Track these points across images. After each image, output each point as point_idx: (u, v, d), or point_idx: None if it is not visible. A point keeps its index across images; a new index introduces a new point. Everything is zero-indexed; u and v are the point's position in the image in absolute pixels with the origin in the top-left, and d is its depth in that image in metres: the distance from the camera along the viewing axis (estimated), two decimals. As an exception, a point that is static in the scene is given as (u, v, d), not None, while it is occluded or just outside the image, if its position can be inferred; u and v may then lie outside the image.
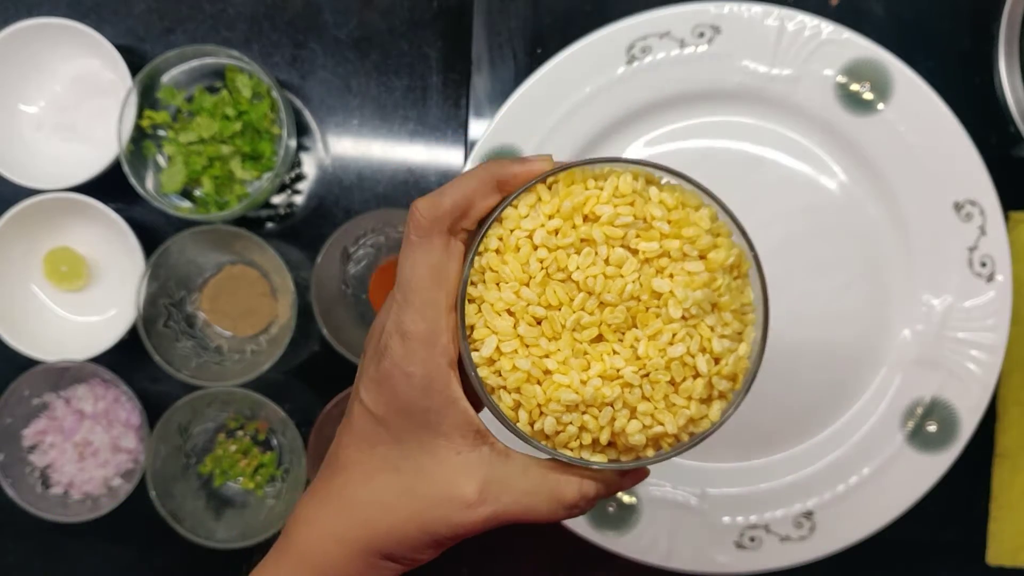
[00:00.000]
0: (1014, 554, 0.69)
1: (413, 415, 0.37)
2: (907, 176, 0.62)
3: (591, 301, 0.37)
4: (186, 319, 0.73)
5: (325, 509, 0.38)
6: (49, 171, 0.72)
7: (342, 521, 0.38)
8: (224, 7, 0.74)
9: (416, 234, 0.37)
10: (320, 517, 0.39)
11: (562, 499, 0.38)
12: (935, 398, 0.62)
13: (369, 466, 0.38)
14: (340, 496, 0.38)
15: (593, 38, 0.63)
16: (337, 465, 0.39)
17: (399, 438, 0.37)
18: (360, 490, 0.38)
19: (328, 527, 0.38)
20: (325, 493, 0.39)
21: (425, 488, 0.37)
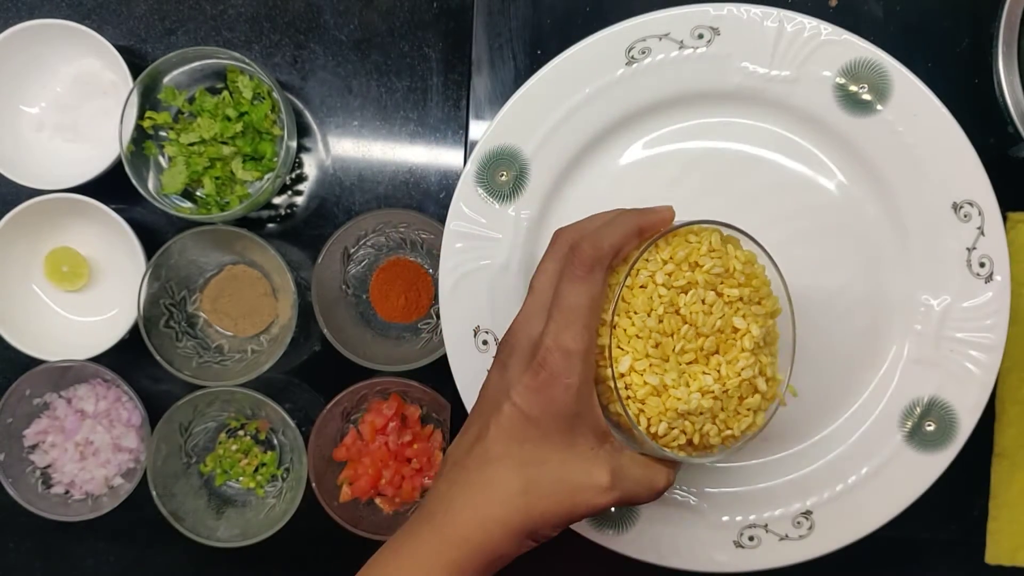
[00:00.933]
0: (1013, 553, 0.69)
1: (563, 417, 0.44)
2: (906, 177, 0.63)
3: (691, 331, 0.48)
4: (187, 319, 0.73)
5: (483, 496, 0.44)
6: (50, 171, 0.72)
7: (503, 507, 0.44)
8: (225, 8, 0.74)
9: (582, 270, 0.45)
10: (480, 503, 0.44)
11: (656, 486, 0.48)
12: (934, 398, 0.63)
13: (520, 459, 0.44)
14: (496, 485, 0.44)
15: (593, 39, 0.63)
16: (487, 457, 0.44)
17: (547, 436, 0.44)
18: (515, 480, 0.44)
19: (491, 513, 0.44)
20: (479, 482, 0.44)
21: (571, 477, 0.45)
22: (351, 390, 0.70)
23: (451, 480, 0.45)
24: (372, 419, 0.72)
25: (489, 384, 0.47)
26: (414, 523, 0.45)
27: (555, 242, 0.48)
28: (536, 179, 0.64)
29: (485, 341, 0.64)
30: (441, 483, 0.45)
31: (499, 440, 0.44)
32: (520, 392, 0.44)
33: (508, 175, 0.64)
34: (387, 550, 0.45)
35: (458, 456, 0.46)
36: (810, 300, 0.64)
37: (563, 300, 0.45)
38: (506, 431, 0.44)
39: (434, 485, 0.46)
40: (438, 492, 0.45)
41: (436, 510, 0.45)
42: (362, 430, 0.73)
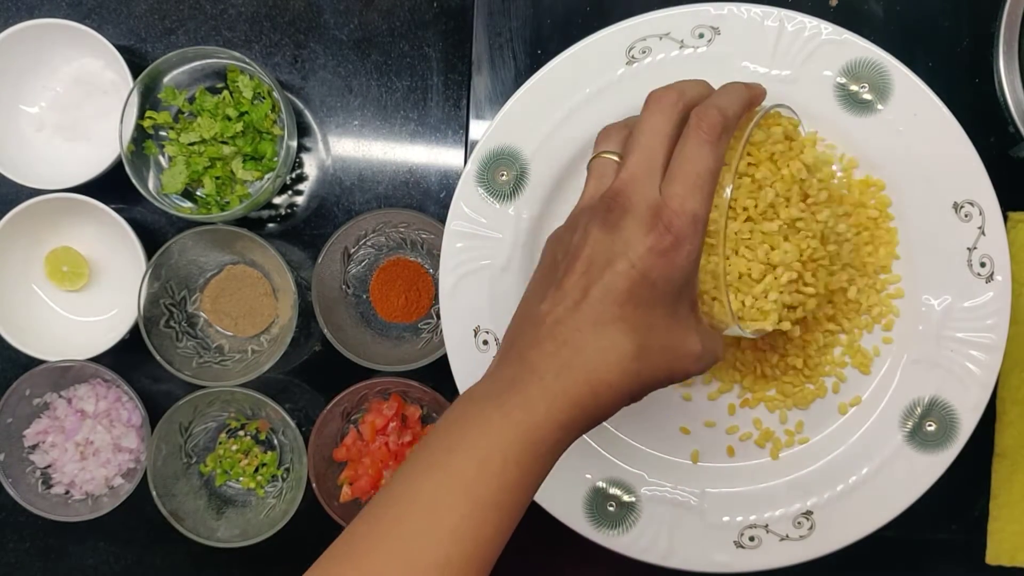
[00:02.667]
0: (1013, 553, 0.69)
1: (678, 284, 0.43)
2: (906, 176, 0.63)
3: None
4: (187, 319, 0.73)
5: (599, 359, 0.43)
6: (50, 171, 0.72)
7: (618, 372, 0.43)
8: (225, 8, 0.74)
9: (712, 134, 0.44)
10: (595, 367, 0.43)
11: (719, 356, 0.48)
12: (934, 398, 0.63)
13: (633, 323, 0.43)
14: (612, 349, 0.43)
15: (593, 39, 0.63)
16: (601, 319, 0.43)
17: (659, 301, 0.43)
18: (630, 344, 0.43)
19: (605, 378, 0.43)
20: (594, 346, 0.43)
21: (675, 343, 0.45)
22: (351, 390, 0.70)
23: (560, 340, 0.43)
24: (372, 419, 0.72)
25: (590, 243, 0.44)
26: (517, 379, 0.43)
27: (659, 101, 0.46)
28: (536, 179, 0.64)
29: (485, 341, 0.64)
30: (547, 343, 0.43)
31: (614, 302, 0.43)
32: (642, 255, 0.42)
33: (509, 175, 0.64)
34: (489, 401, 0.43)
35: (560, 314, 0.43)
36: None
37: (691, 164, 0.43)
38: (623, 293, 0.42)
39: (532, 339, 0.44)
40: (544, 351, 0.43)
41: (545, 369, 0.42)
42: (362, 430, 0.73)
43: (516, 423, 0.41)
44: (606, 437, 0.66)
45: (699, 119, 0.44)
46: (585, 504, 0.64)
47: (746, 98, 0.47)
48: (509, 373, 0.43)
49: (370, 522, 0.41)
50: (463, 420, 0.43)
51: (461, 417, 0.43)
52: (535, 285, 0.47)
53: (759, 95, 0.49)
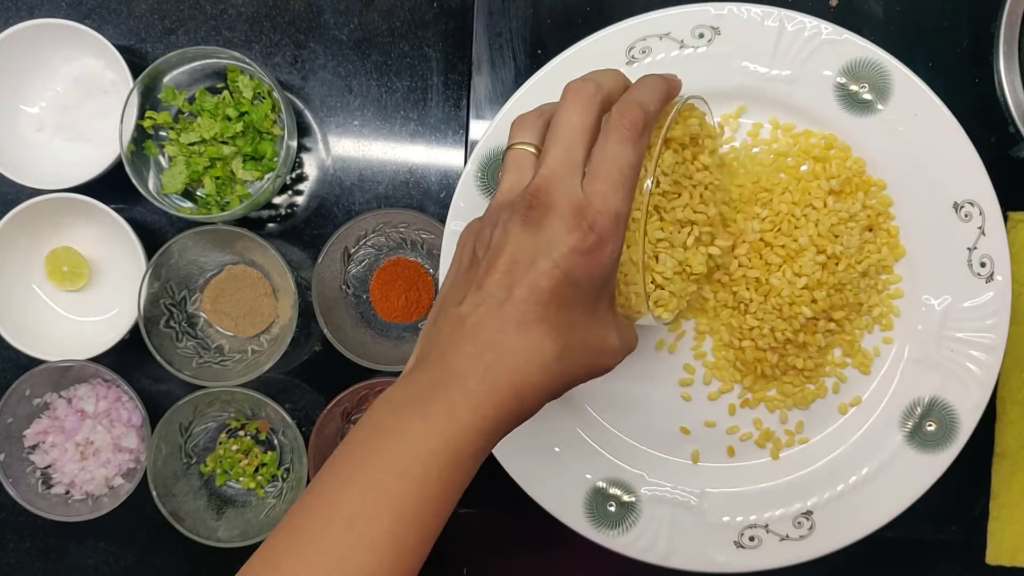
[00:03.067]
0: (1013, 554, 0.69)
1: (599, 281, 0.44)
2: (906, 176, 0.63)
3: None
4: (187, 319, 0.73)
5: (523, 361, 0.42)
6: (50, 171, 0.72)
7: (542, 374, 0.43)
8: (225, 8, 0.74)
9: (634, 131, 0.43)
10: (519, 369, 0.42)
11: (632, 345, 0.48)
12: (934, 398, 0.63)
13: (556, 322, 0.43)
14: (536, 351, 0.42)
15: (593, 39, 0.63)
16: (524, 320, 0.42)
17: (580, 300, 0.43)
18: (553, 345, 0.43)
19: (529, 380, 0.42)
20: (518, 348, 0.42)
21: (595, 341, 0.45)
22: (351, 390, 0.70)
23: (483, 342, 0.42)
24: (372, 419, 0.72)
25: (511, 241, 0.43)
26: (438, 384, 0.42)
27: (576, 93, 0.45)
28: (536, 179, 0.64)
29: (485, 341, 0.64)
30: (469, 345, 0.42)
31: (538, 303, 0.42)
32: (565, 255, 0.42)
33: None
34: (409, 408, 0.41)
35: (482, 315, 0.42)
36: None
37: (614, 161, 0.43)
38: (546, 293, 0.42)
39: (453, 341, 0.43)
40: (466, 353, 0.42)
41: (469, 373, 0.41)
42: (362, 430, 0.73)
43: (438, 431, 0.40)
44: (606, 437, 0.66)
45: (621, 115, 0.44)
46: (585, 504, 0.64)
47: (664, 91, 0.47)
48: (430, 377, 0.42)
49: (291, 536, 0.40)
50: (383, 427, 0.41)
51: (381, 424, 0.42)
52: (453, 282, 0.46)
53: (676, 87, 0.49)
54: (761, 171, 0.63)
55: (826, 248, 0.61)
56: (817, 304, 0.61)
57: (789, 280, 0.61)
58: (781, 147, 0.64)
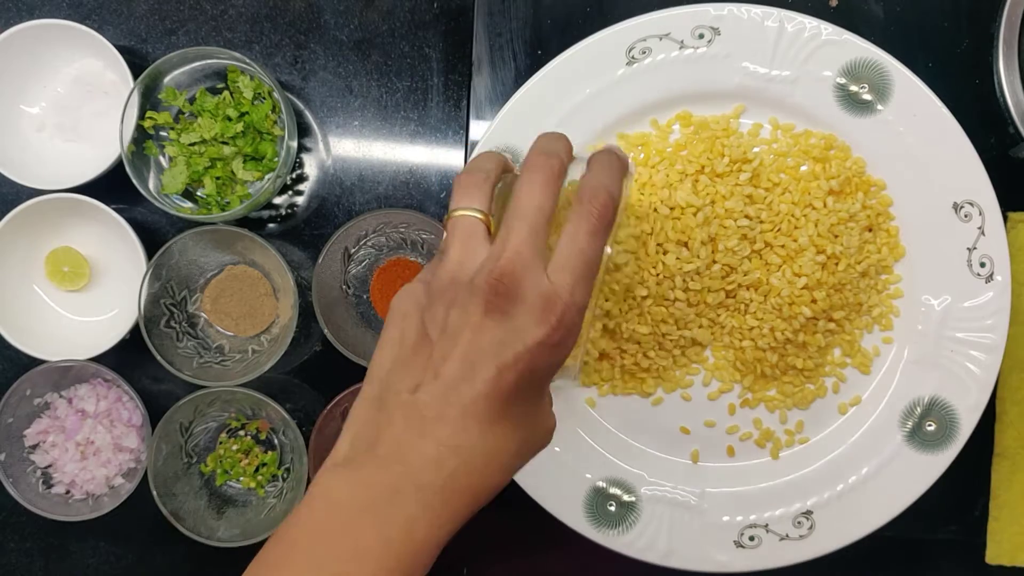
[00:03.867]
0: (1013, 553, 0.69)
1: (555, 369, 0.42)
2: (906, 176, 0.63)
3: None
4: (188, 319, 0.73)
5: (484, 464, 0.41)
6: (51, 171, 0.72)
7: (502, 474, 0.41)
8: (225, 8, 0.74)
9: (605, 223, 0.42)
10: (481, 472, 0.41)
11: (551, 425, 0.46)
12: (934, 398, 0.63)
13: (517, 418, 0.41)
14: (499, 452, 0.41)
15: (593, 39, 0.63)
16: (489, 417, 0.40)
17: (537, 388, 0.42)
18: (514, 442, 0.42)
19: (491, 482, 0.41)
20: (481, 450, 0.41)
21: (542, 426, 0.44)
22: (351, 390, 0.70)
23: (444, 443, 0.39)
24: (372, 419, 0.72)
25: (472, 327, 0.40)
26: (396, 491, 0.39)
27: (542, 171, 0.42)
28: (536, 179, 0.64)
29: (485, 341, 0.64)
30: (429, 445, 0.39)
31: (501, 399, 0.40)
32: (531, 348, 0.40)
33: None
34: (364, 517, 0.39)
35: (441, 410, 0.40)
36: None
37: (583, 253, 0.41)
38: (510, 388, 0.40)
39: (409, 437, 0.40)
40: (425, 455, 0.39)
41: (428, 481, 0.39)
42: (362, 430, 0.73)
43: (395, 552, 0.38)
44: (606, 437, 0.66)
45: (591, 205, 0.42)
46: (585, 504, 0.65)
47: (621, 171, 0.45)
48: (385, 479, 0.39)
49: None
50: (331, 531, 0.39)
51: (328, 525, 0.39)
52: (397, 359, 0.42)
53: (626, 162, 0.46)
54: (656, 217, 0.63)
55: (826, 248, 0.61)
56: (817, 304, 0.62)
57: (789, 280, 0.62)
58: (781, 147, 0.64)
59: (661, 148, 0.64)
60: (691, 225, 0.61)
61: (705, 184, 0.63)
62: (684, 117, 0.65)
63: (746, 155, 0.63)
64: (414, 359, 0.42)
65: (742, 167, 0.63)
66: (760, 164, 0.63)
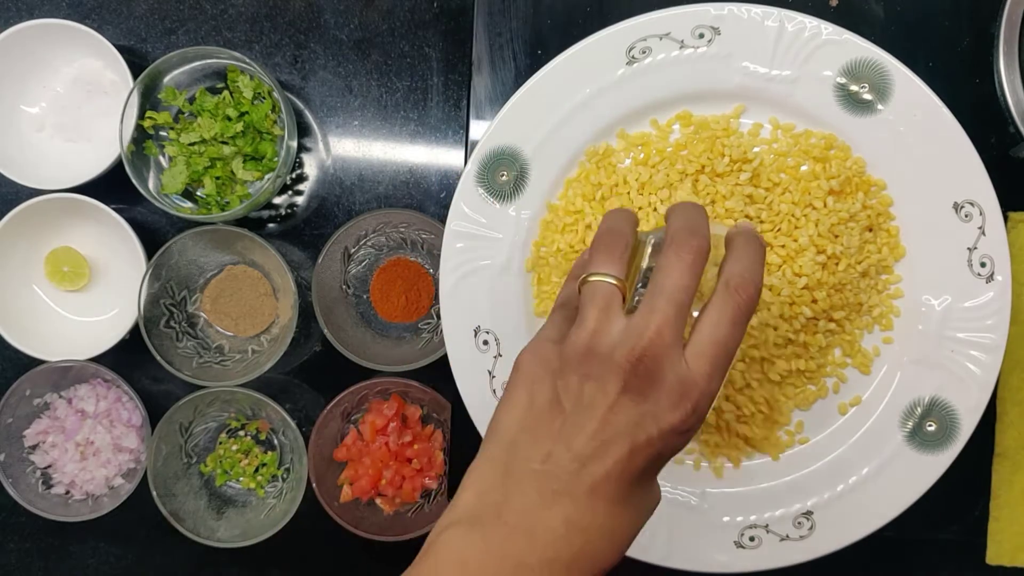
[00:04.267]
0: (1014, 554, 0.69)
1: (677, 452, 0.42)
2: (906, 176, 0.63)
3: None
4: (187, 319, 0.73)
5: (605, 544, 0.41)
6: (51, 171, 0.72)
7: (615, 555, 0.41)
8: (225, 8, 0.74)
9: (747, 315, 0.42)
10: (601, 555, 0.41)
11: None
12: (934, 398, 0.62)
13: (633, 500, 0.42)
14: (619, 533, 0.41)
15: (593, 39, 0.63)
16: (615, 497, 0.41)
17: (656, 471, 0.43)
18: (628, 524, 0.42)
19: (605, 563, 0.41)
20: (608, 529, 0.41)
21: (653, 503, 0.44)
22: (351, 390, 0.70)
23: (573, 523, 0.40)
24: (372, 419, 0.72)
25: (609, 405, 0.40)
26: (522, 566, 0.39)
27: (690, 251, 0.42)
28: (536, 179, 0.64)
29: (485, 341, 0.64)
30: (555, 519, 0.40)
31: (629, 482, 0.40)
32: (665, 433, 0.40)
33: (509, 175, 0.64)
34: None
35: (569, 484, 0.40)
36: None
37: (724, 344, 0.41)
38: (638, 471, 0.40)
39: (538, 510, 0.40)
40: (554, 531, 0.40)
41: (554, 557, 0.39)
42: (362, 430, 0.73)
43: None
44: (606, 437, 0.66)
45: (738, 296, 0.41)
46: (585, 504, 0.64)
47: (764, 256, 0.44)
48: (513, 549, 0.40)
49: None
50: None
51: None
52: (529, 425, 0.42)
53: (764, 248, 0.45)
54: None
55: (826, 248, 0.61)
56: (817, 304, 0.61)
57: (789, 280, 0.62)
58: (781, 147, 0.64)
59: (661, 148, 0.64)
60: None
61: (705, 184, 0.63)
62: (684, 117, 0.65)
63: (746, 155, 0.63)
64: (545, 427, 0.41)
65: (742, 167, 0.63)
66: (760, 164, 0.63)
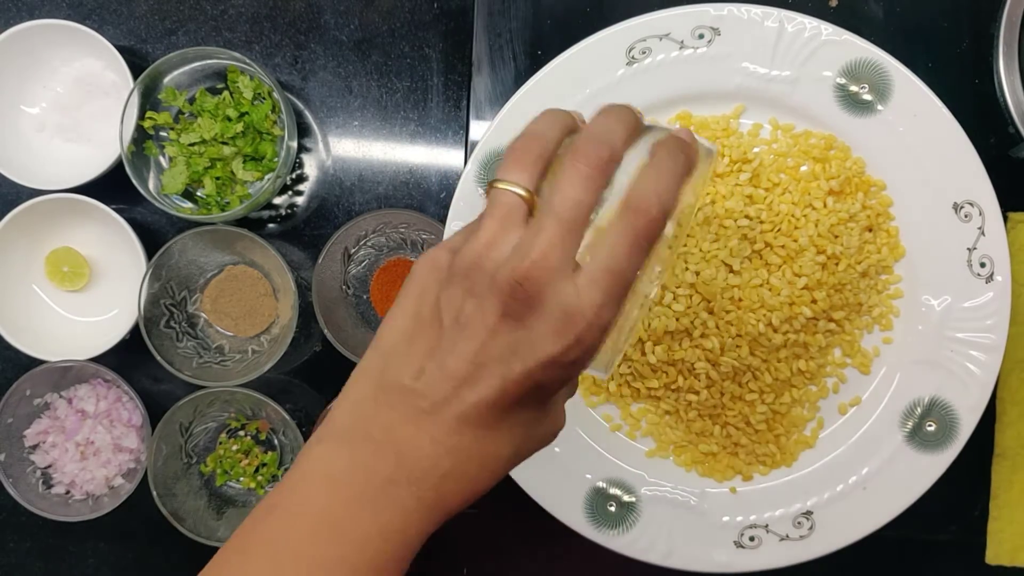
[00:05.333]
0: (1013, 554, 0.69)
1: (565, 382, 0.40)
2: (906, 176, 0.63)
3: None
4: (188, 319, 0.73)
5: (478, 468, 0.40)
6: (51, 172, 0.72)
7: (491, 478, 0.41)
8: (225, 8, 0.74)
9: (648, 242, 0.38)
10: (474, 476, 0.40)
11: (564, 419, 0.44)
12: (934, 398, 0.63)
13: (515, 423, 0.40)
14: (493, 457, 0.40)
15: (593, 40, 0.63)
16: (486, 423, 0.39)
17: (544, 398, 0.41)
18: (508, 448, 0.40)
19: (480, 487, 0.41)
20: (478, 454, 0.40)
21: (543, 432, 0.42)
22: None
23: (441, 443, 0.39)
24: (372, 419, 0.72)
25: (485, 328, 0.38)
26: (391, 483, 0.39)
27: (587, 159, 0.38)
28: (536, 179, 0.64)
29: (485, 341, 0.64)
30: (426, 442, 0.39)
31: (502, 408, 0.39)
32: (542, 363, 0.38)
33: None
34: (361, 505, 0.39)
35: (441, 409, 0.39)
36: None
37: (619, 271, 0.38)
38: (510, 398, 0.38)
39: (408, 430, 0.39)
40: (422, 452, 0.39)
41: (423, 477, 0.39)
42: (362, 430, 0.73)
43: (390, 539, 0.39)
44: (606, 437, 0.66)
45: (636, 218, 0.38)
46: (585, 504, 0.64)
47: (686, 170, 0.40)
48: (383, 467, 0.39)
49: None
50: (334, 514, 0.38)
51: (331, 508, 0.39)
52: (407, 335, 0.40)
53: (692, 157, 0.40)
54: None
55: (826, 248, 0.61)
56: (817, 304, 0.62)
57: (789, 280, 0.62)
58: (781, 147, 0.64)
59: None
60: (691, 224, 0.61)
61: None
62: (684, 117, 0.65)
63: (746, 155, 0.63)
64: (421, 340, 0.40)
65: (742, 167, 0.63)
66: (760, 164, 0.63)
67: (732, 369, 0.63)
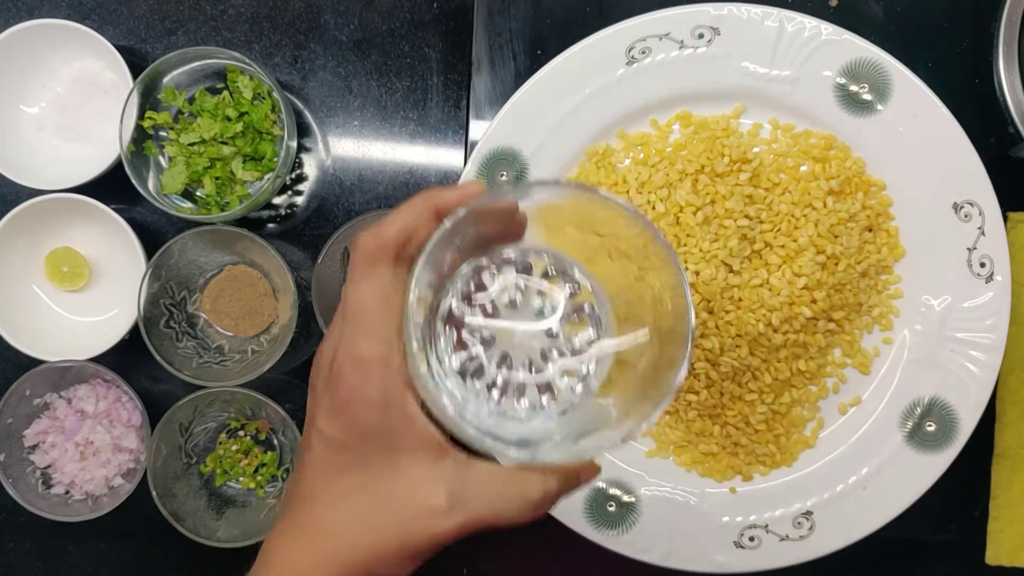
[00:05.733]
0: (1013, 554, 0.69)
1: (376, 437, 0.37)
2: (906, 176, 0.63)
3: None
4: (187, 319, 0.73)
5: (301, 542, 0.38)
6: (51, 172, 0.72)
7: (322, 549, 0.38)
8: (225, 8, 0.74)
9: (362, 264, 0.38)
10: (296, 551, 0.38)
11: (528, 498, 0.39)
12: (934, 398, 0.63)
13: (338, 491, 0.38)
14: (315, 526, 0.38)
15: (593, 39, 0.63)
16: (305, 496, 0.38)
17: (365, 461, 0.38)
18: (335, 516, 0.38)
19: (308, 559, 0.38)
20: (298, 527, 0.38)
21: (400, 503, 0.38)
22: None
23: (276, 529, 0.39)
24: (372, 419, 0.72)
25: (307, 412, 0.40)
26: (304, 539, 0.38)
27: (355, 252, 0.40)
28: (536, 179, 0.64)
29: (485, 341, 0.64)
30: (271, 533, 0.39)
31: (315, 476, 0.38)
32: (322, 417, 0.38)
33: (508, 175, 0.64)
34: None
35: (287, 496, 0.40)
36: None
37: (348, 303, 0.38)
38: (320, 464, 0.38)
39: (298, 489, 0.39)
40: (265, 543, 0.39)
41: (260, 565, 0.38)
42: (362, 430, 0.73)
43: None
44: (606, 437, 0.66)
45: (352, 252, 0.39)
46: (585, 504, 0.64)
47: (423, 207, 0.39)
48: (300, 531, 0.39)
49: None
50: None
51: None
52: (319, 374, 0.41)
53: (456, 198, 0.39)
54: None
55: (826, 248, 0.61)
56: (817, 304, 0.61)
57: (789, 280, 0.62)
58: (781, 147, 0.64)
59: (661, 148, 0.64)
60: (691, 224, 0.61)
61: (705, 184, 0.63)
62: (684, 117, 0.65)
63: (746, 155, 0.63)
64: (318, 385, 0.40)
65: (742, 167, 0.63)
66: (760, 164, 0.63)
67: (732, 369, 0.63)
